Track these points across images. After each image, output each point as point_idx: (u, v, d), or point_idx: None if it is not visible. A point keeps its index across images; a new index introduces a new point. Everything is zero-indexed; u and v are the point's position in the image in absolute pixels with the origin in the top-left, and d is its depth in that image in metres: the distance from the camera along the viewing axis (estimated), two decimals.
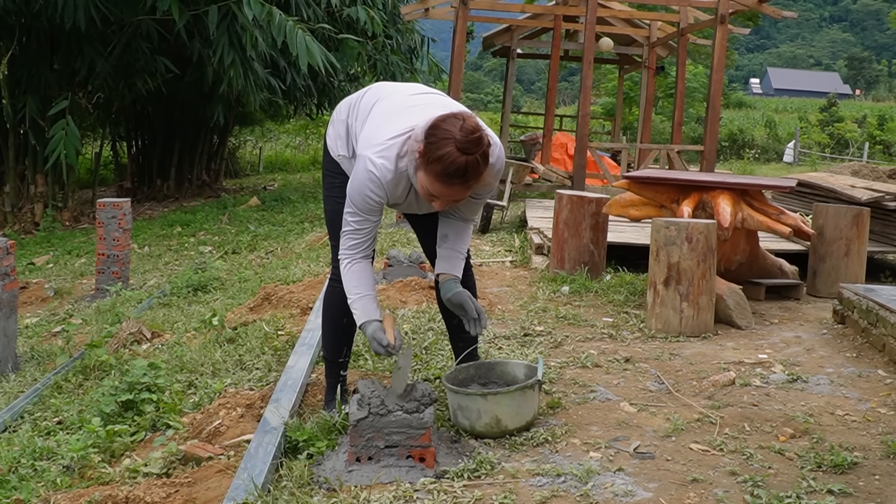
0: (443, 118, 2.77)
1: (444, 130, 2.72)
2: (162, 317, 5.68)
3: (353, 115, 3.12)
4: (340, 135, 3.15)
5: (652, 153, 13.03)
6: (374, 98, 3.10)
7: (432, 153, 2.71)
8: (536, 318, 4.93)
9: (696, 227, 4.63)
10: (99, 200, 7.33)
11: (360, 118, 3.07)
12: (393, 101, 3.06)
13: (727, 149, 30.03)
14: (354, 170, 2.91)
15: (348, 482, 2.71)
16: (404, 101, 3.04)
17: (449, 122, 2.74)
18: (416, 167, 2.80)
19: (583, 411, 3.40)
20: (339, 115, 3.20)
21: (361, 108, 3.09)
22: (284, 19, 10.35)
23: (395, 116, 2.96)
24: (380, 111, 3.02)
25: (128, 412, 3.55)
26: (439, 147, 2.70)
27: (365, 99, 3.12)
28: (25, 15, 11.53)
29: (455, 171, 2.71)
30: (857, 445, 3.03)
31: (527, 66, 65.37)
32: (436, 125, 2.75)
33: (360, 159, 2.88)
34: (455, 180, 2.74)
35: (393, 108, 3.01)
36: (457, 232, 3.21)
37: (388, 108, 3.02)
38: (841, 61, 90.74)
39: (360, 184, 2.87)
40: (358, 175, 2.88)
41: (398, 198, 2.99)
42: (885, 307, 4.22)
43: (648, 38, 15.71)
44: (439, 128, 2.73)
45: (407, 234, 8.10)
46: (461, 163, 2.69)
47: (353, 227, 2.96)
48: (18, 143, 12.99)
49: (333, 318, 3.31)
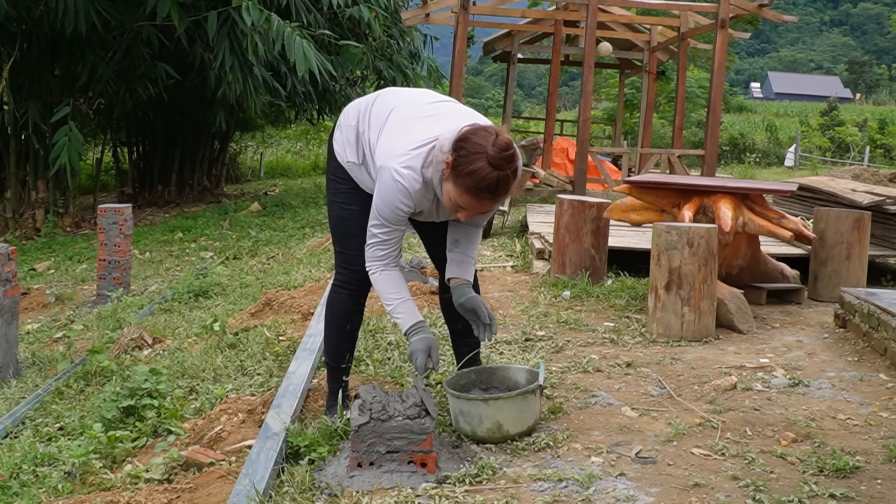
0: (473, 131, 2.76)
1: (476, 144, 2.71)
2: (163, 322, 5.68)
3: (363, 121, 3.08)
4: (350, 141, 3.12)
5: (653, 157, 13.04)
6: (389, 106, 3.06)
7: (464, 167, 2.71)
8: (538, 323, 4.93)
9: (698, 232, 4.63)
10: (100, 206, 7.33)
11: (374, 126, 3.03)
12: (410, 110, 3.03)
13: (728, 153, 30.02)
14: (379, 182, 2.87)
15: (350, 488, 2.71)
16: (421, 110, 3.01)
17: (480, 136, 2.73)
18: (444, 178, 2.79)
19: (584, 416, 3.39)
20: (347, 120, 3.16)
21: (374, 116, 3.06)
22: (283, 25, 10.37)
23: (415, 125, 2.93)
24: (397, 120, 2.99)
25: (129, 418, 3.54)
26: (471, 162, 2.69)
27: (376, 106, 3.08)
28: (27, 21, 11.55)
29: (487, 186, 2.71)
30: (859, 449, 3.02)
31: (527, 70, 65.46)
32: (466, 138, 2.74)
33: (384, 171, 2.85)
34: (486, 195, 2.75)
35: (412, 117, 2.99)
36: (468, 237, 3.22)
37: (406, 117, 2.99)
38: (841, 65, 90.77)
39: (390, 195, 2.84)
40: (385, 187, 2.85)
41: (423, 206, 2.97)
42: (886, 311, 4.22)
43: (649, 42, 15.73)
44: (470, 141, 2.72)
45: (408, 239, 8.10)
46: (493, 178, 2.70)
47: (381, 239, 2.95)
48: (20, 149, 13.01)
49: (337, 324, 3.31)
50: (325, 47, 12.59)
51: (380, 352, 4.20)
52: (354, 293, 3.29)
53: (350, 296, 3.29)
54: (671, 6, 13.89)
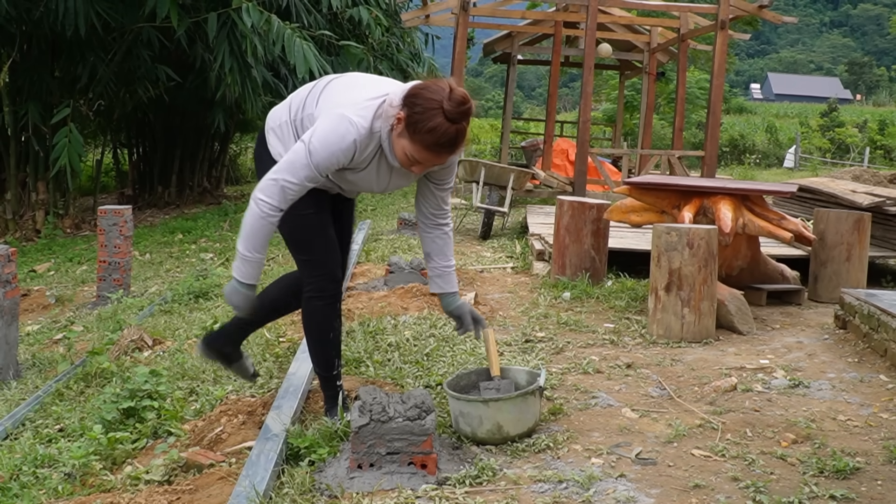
0: (424, 86, 2.74)
1: (430, 100, 2.69)
2: (163, 324, 5.68)
3: (299, 110, 3.00)
4: (288, 136, 3.03)
5: (653, 159, 13.05)
6: (326, 81, 3.03)
7: (422, 124, 2.69)
8: (538, 324, 4.93)
9: (698, 233, 4.63)
10: (100, 208, 7.32)
11: (317, 101, 2.96)
12: (353, 76, 3.02)
13: (728, 154, 30.03)
14: (322, 124, 2.78)
15: (350, 489, 2.71)
16: (366, 76, 3.02)
17: (433, 91, 2.71)
18: (398, 134, 2.77)
19: (584, 417, 3.39)
20: (277, 121, 3.07)
21: (313, 95, 3.00)
22: (283, 27, 10.36)
23: (364, 84, 2.91)
24: (343, 83, 2.97)
25: (129, 419, 3.54)
26: (429, 118, 2.68)
27: (313, 90, 3.02)
28: (26, 22, 11.54)
29: (447, 141, 2.72)
30: (860, 451, 3.02)
31: (527, 72, 65.47)
32: (417, 94, 2.72)
33: (330, 115, 2.78)
34: (445, 150, 2.76)
35: (358, 80, 2.97)
36: (439, 248, 3.24)
37: (351, 81, 2.97)
38: (841, 66, 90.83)
39: (333, 138, 2.75)
40: (329, 128, 2.76)
41: (361, 161, 2.87)
42: (886, 312, 4.22)
43: (649, 43, 15.73)
44: (422, 96, 2.71)
45: (408, 241, 8.10)
46: (452, 133, 2.71)
47: (300, 185, 2.79)
48: (20, 151, 13.00)
49: (319, 336, 3.25)
50: (326, 48, 12.59)
51: (380, 353, 4.20)
52: (330, 299, 3.19)
53: (326, 304, 3.19)
54: (671, 7, 13.89)
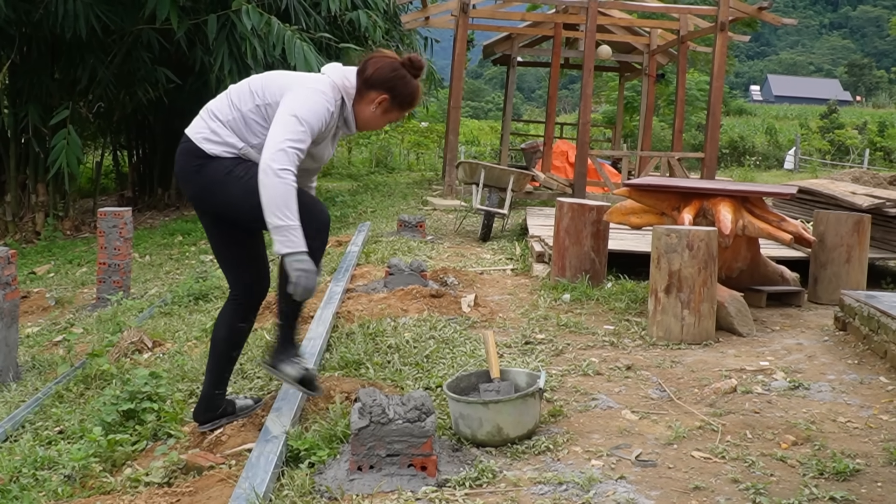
0: (383, 64, 3.15)
1: (401, 75, 3.15)
2: (163, 326, 5.67)
3: (231, 111, 3.14)
4: (229, 134, 3.14)
5: (653, 161, 13.05)
6: (255, 79, 3.23)
7: (406, 95, 3.18)
8: (538, 326, 4.93)
9: (697, 235, 4.63)
10: (100, 210, 7.32)
11: (264, 92, 3.13)
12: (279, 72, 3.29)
13: (728, 156, 30.03)
14: (298, 99, 3.02)
15: (350, 491, 2.70)
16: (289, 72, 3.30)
17: (393, 66, 3.15)
18: (385, 110, 3.20)
19: (584, 419, 3.39)
20: (205, 131, 3.15)
21: (254, 90, 3.15)
22: (283, 29, 10.37)
23: (300, 73, 3.25)
24: (277, 74, 3.23)
25: (129, 421, 3.54)
26: (406, 86, 3.17)
27: (250, 87, 3.17)
28: (26, 24, 11.56)
29: (418, 96, 3.25)
30: (860, 452, 3.02)
31: (527, 74, 65.47)
32: (391, 76, 3.14)
33: (302, 91, 3.05)
34: (415, 103, 3.28)
35: (289, 72, 3.26)
36: None
37: (283, 72, 3.26)
38: (841, 68, 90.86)
39: (317, 103, 3.04)
40: (308, 99, 3.04)
41: (326, 132, 3.16)
42: (886, 314, 4.22)
43: (649, 45, 15.75)
44: (398, 75, 3.15)
45: (408, 243, 8.10)
46: (418, 88, 3.22)
47: (303, 150, 2.99)
48: (20, 153, 13.01)
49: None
50: (325, 50, 12.60)
51: (380, 355, 4.20)
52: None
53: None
54: (671, 9, 13.91)
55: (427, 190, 14.70)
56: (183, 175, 3.24)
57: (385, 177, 19.65)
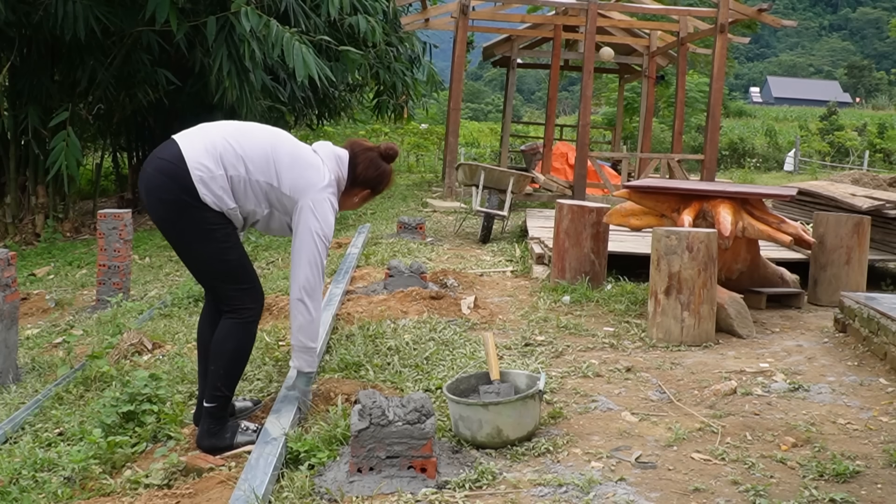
0: (362, 158, 3.51)
1: (380, 166, 3.54)
2: (163, 327, 5.67)
3: (237, 168, 3.20)
4: (226, 189, 3.18)
5: (652, 162, 13.06)
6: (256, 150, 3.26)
7: (380, 182, 3.58)
8: (537, 328, 4.93)
9: (697, 237, 4.63)
10: (100, 211, 7.32)
11: (262, 171, 3.24)
12: (280, 146, 3.34)
13: (728, 158, 30.06)
14: (317, 212, 3.28)
15: (350, 493, 2.70)
16: (291, 141, 3.42)
17: (372, 161, 3.53)
18: (362, 198, 3.61)
19: (584, 421, 3.39)
20: (207, 172, 3.14)
21: (250, 158, 3.23)
22: (282, 31, 10.37)
23: (306, 158, 3.36)
24: (288, 159, 3.31)
25: (129, 423, 3.54)
26: (383, 177, 3.58)
27: (238, 149, 3.21)
28: (26, 26, 11.55)
29: (391, 183, 3.71)
30: (859, 454, 3.02)
31: (527, 75, 65.55)
32: (374, 173, 3.53)
33: (320, 201, 3.30)
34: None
35: (298, 153, 3.37)
36: None
37: (293, 154, 3.34)
38: (841, 70, 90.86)
39: (330, 218, 3.34)
40: (326, 213, 3.31)
41: None
42: (886, 315, 4.22)
43: (648, 47, 15.76)
44: (377, 168, 3.53)
45: (407, 244, 8.10)
46: (392, 174, 3.64)
47: (324, 263, 3.30)
48: (20, 154, 13.01)
49: (245, 357, 3.37)
50: (325, 53, 12.60)
51: (379, 357, 4.20)
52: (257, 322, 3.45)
53: (256, 327, 3.42)
54: (670, 11, 13.92)
55: (427, 192, 14.70)
56: (156, 194, 3.19)
57: None
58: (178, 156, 3.13)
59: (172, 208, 3.16)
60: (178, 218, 3.18)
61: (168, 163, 3.14)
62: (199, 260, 3.27)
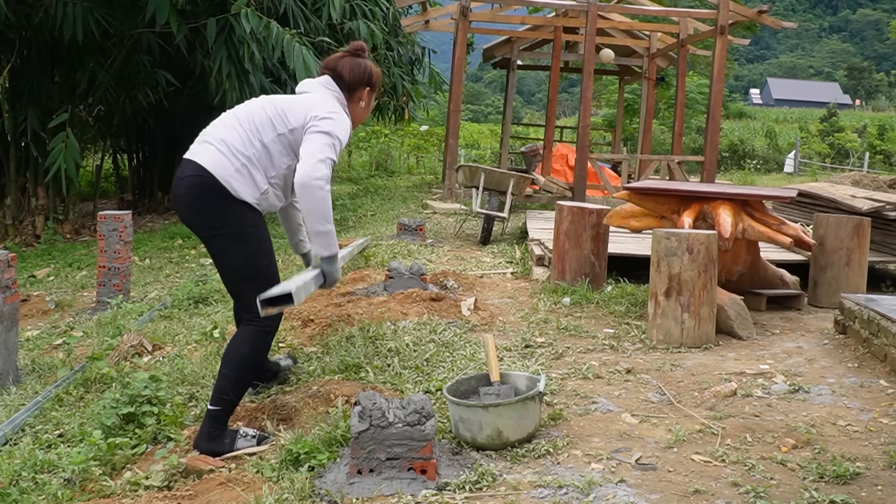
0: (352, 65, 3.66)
1: (367, 66, 3.69)
2: (163, 329, 5.67)
3: (252, 144, 3.38)
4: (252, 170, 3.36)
5: (652, 164, 13.06)
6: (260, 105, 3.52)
7: (373, 76, 3.70)
8: (537, 330, 4.93)
9: (697, 238, 4.63)
10: (100, 213, 7.32)
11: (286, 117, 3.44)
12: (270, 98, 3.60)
13: (728, 159, 30.07)
14: (331, 122, 3.38)
15: (350, 494, 2.70)
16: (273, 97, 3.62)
17: (361, 63, 3.68)
18: (368, 103, 3.74)
19: (584, 423, 3.39)
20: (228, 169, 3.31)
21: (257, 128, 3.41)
22: (282, 32, 10.37)
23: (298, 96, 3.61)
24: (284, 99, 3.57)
25: (129, 425, 3.54)
26: (371, 69, 3.70)
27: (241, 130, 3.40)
28: (26, 28, 11.55)
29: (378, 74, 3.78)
30: (860, 456, 3.02)
31: (527, 77, 65.58)
32: (369, 76, 3.69)
33: (332, 115, 3.42)
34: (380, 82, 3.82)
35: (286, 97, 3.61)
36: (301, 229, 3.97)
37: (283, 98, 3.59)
38: (841, 71, 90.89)
39: (345, 125, 3.46)
40: (338, 122, 3.42)
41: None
42: (886, 317, 4.22)
43: (648, 49, 15.76)
44: (368, 71, 3.68)
45: (407, 246, 8.10)
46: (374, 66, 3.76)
47: (335, 159, 3.35)
48: (20, 156, 13.00)
49: (255, 365, 3.47)
50: (325, 54, 12.60)
51: (379, 359, 4.20)
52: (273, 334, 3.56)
53: (272, 338, 3.54)
54: (670, 13, 13.92)
55: (427, 193, 14.70)
56: (195, 207, 3.36)
57: (385, 180, 19.65)
58: (198, 168, 3.31)
59: (212, 216, 3.34)
60: (217, 224, 3.34)
61: (193, 177, 3.32)
62: (233, 263, 3.40)
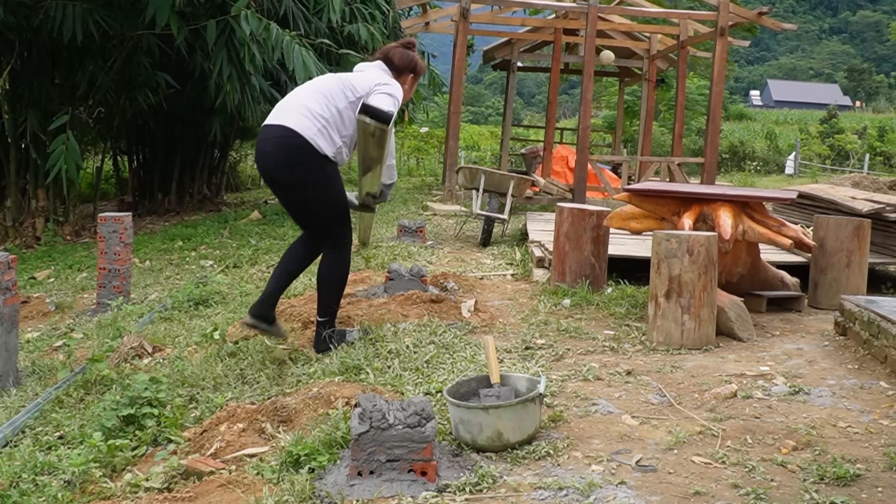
0: (400, 54, 4.49)
1: (412, 56, 4.51)
2: (163, 331, 5.67)
3: (328, 108, 4.21)
4: (332, 130, 4.22)
5: (653, 165, 13.07)
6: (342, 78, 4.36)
7: (418, 65, 4.54)
8: (538, 331, 4.93)
9: (697, 240, 4.63)
10: (100, 215, 7.32)
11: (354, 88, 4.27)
12: (337, 75, 4.45)
13: (728, 161, 30.08)
14: (393, 85, 4.28)
15: (350, 496, 2.70)
16: (340, 74, 4.50)
17: (406, 54, 4.52)
18: (410, 87, 4.57)
19: (584, 424, 3.39)
20: (312, 129, 4.16)
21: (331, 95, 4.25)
22: (282, 34, 10.38)
23: (360, 72, 4.48)
24: (352, 75, 4.42)
25: (129, 427, 3.54)
26: (417, 60, 4.53)
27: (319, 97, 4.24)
28: (26, 30, 11.55)
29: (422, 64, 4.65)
30: (860, 457, 3.02)
31: (527, 79, 65.54)
32: (411, 63, 4.51)
33: (392, 84, 4.31)
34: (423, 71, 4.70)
35: (348, 74, 4.48)
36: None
37: (347, 74, 4.45)
38: (841, 73, 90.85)
39: (401, 91, 4.34)
40: (398, 87, 4.32)
41: None
42: (886, 319, 4.22)
43: (648, 50, 15.77)
44: (411, 58, 4.50)
45: (408, 248, 8.10)
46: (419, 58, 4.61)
47: (395, 113, 4.12)
48: (20, 158, 13.00)
49: (346, 280, 4.49)
50: (325, 56, 12.61)
51: (380, 360, 4.20)
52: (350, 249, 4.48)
53: (350, 252, 4.48)
54: (670, 14, 13.93)
55: (427, 195, 14.70)
56: (286, 163, 4.13)
57: None
58: (286, 129, 4.13)
59: (303, 168, 4.13)
60: (310, 175, 4.16)
61: (283, 137, 4.13)
62: (324, 205, 4.26)
